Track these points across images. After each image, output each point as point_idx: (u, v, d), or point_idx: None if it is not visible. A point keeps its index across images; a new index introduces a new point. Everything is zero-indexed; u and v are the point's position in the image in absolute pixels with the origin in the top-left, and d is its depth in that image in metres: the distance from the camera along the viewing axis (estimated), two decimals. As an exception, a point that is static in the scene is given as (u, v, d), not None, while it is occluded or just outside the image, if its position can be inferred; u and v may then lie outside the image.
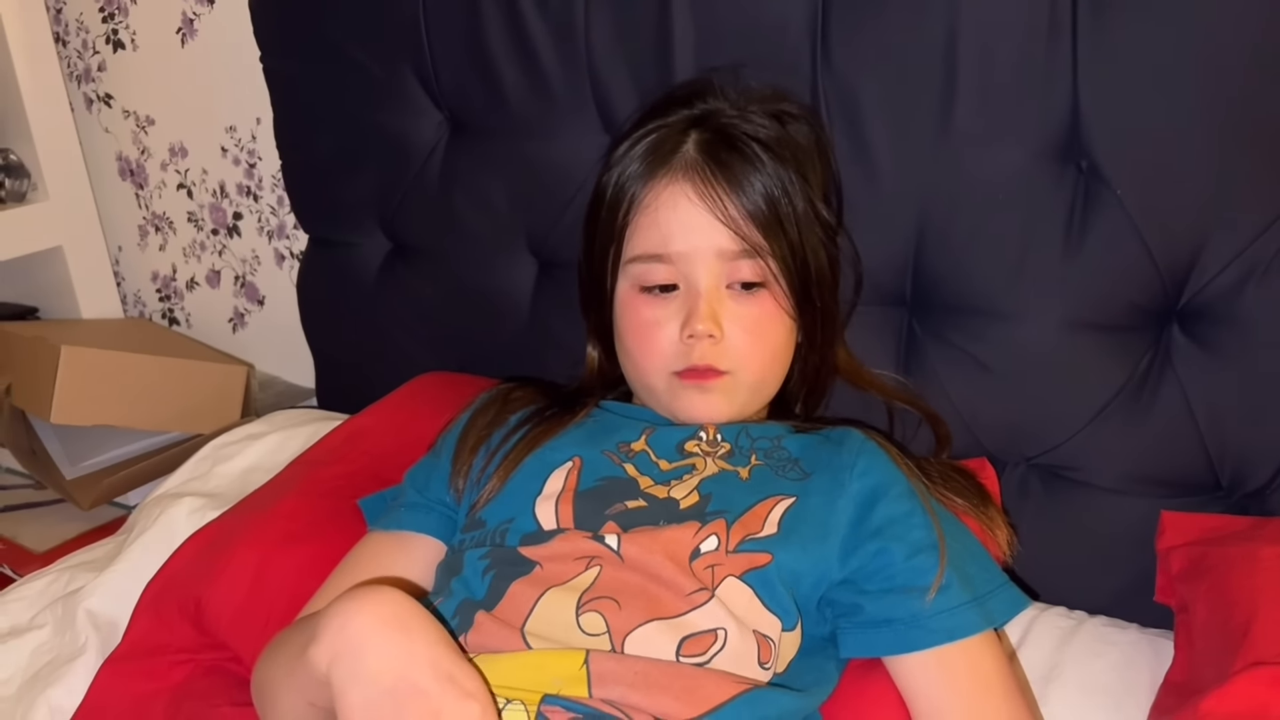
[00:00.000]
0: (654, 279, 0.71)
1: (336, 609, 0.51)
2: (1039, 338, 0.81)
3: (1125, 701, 0.71)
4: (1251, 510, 0.78)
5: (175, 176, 1.55)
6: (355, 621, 0.50)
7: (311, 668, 0.51)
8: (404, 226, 1.10)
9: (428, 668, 0.49)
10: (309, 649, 0.51)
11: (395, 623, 0.50)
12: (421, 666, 0.49)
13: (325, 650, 0.50)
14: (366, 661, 0.49)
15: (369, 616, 0.50)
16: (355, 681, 0.49)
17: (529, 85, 0.96)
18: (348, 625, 0.50)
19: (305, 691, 0.55)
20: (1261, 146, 0.72)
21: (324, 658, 0.50)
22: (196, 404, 1.29)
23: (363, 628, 0.50)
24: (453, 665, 0.50)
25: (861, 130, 0.83)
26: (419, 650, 0.50)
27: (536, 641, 0.60)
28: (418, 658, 0.50)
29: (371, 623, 0.50)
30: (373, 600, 0.51)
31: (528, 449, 0.72)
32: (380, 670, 0.49)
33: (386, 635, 0.50)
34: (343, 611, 0.50)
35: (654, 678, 0.57)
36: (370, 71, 1.05)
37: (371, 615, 0.50)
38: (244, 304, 1.54)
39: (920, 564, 0.64)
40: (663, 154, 0.72)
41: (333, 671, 0.50)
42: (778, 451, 0.72)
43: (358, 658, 0.49)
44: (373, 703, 0.49)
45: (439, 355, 1.10)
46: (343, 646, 0.50)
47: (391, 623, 0.50)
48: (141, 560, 0.89)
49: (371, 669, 0.49)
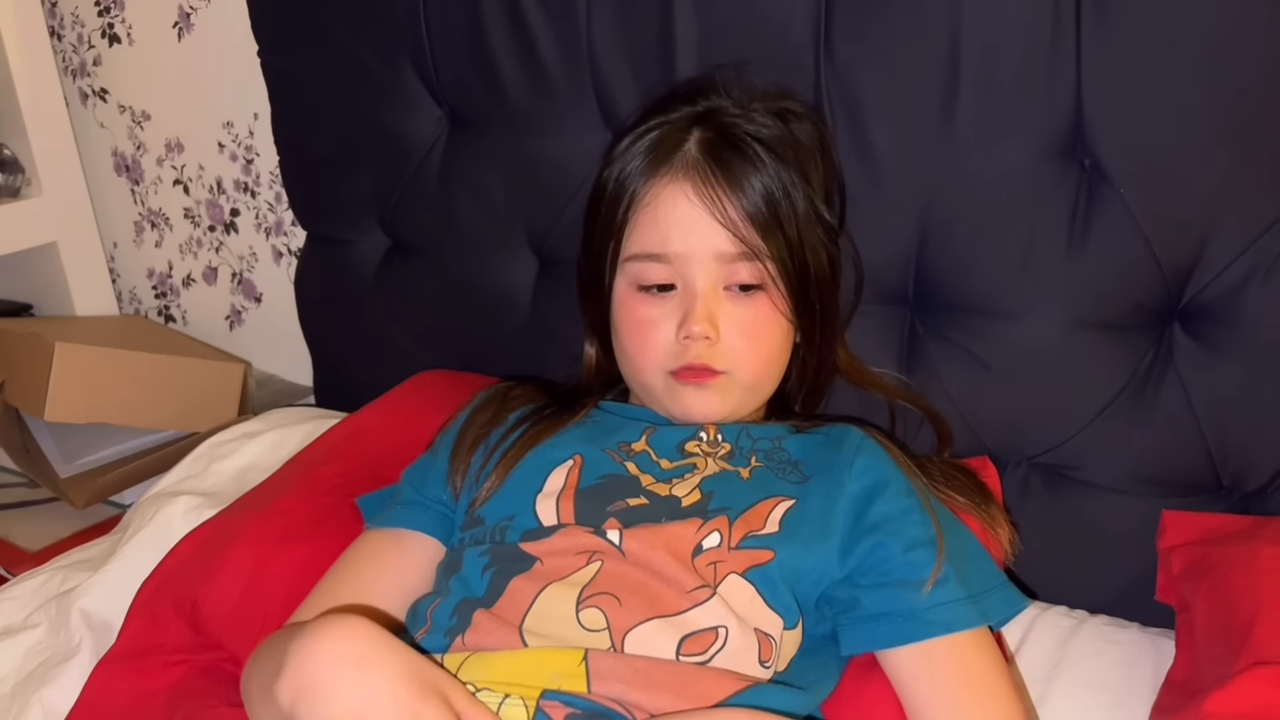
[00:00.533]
0: (651, 279, 0.71)
1: (299, 644, 0.50)
2: (1041, 337, 0.81)
3: (1127, 700, 0.71)
4: (1252, 510, 0.79)
5: (171, 172, 1.54)
6: (315, 659, 0.49)
7: (277, 704, 0.50)
8: (403, 223, 1.10)
9: (390, 706, 0.49)
10: (274, 683, 0.50)
11: (355, 660, 0.50)
12: (383, 705, 0.49)
13: (288, 688, 0.50)
14: (328, 701, 0.49)
15: (330, 653, 0.49)
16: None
17: (529, 81, 0.95)
18: (307, 662, 0.49)
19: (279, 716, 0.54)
20: (1264, 145, 0.72)
21: (287, 695, 0.50)
22: (192, 402, 1.29)
23: (321, 665, 0.49)
24: (416, 701, 0.49)
25: (864, 128, 0.82)
26: (380, 688, 0.49)
27: (535, 639, 0.59)
28: (378, 697, 0.49)
29: (331, 660, 0.49)
30: (335, 635, 0.50)
31: (527, 446, 0.71)
32: (340, 711, 0.48)
33: (345, 674, 0.49)
34: (304, 648, 0.50)
35: (653, 675, 0.57)
36: (369, 66, 1.04)
37: (332, 652, 0.49)
38: (241, 301, 1.54)
39: (917, 558, 0.64)
40: (664, 151, 0.71)
41: (295, 709, 0.49)
42: (778, 453, 0.71)
43: (318, 697, 0.49)
44: None
45: (438, 353, 1.10)
46: (304, 684, 0.49)
47: (352, 660, 0.50)
48: (136, 559, 0.88)
49: (331, 710, 0.48)
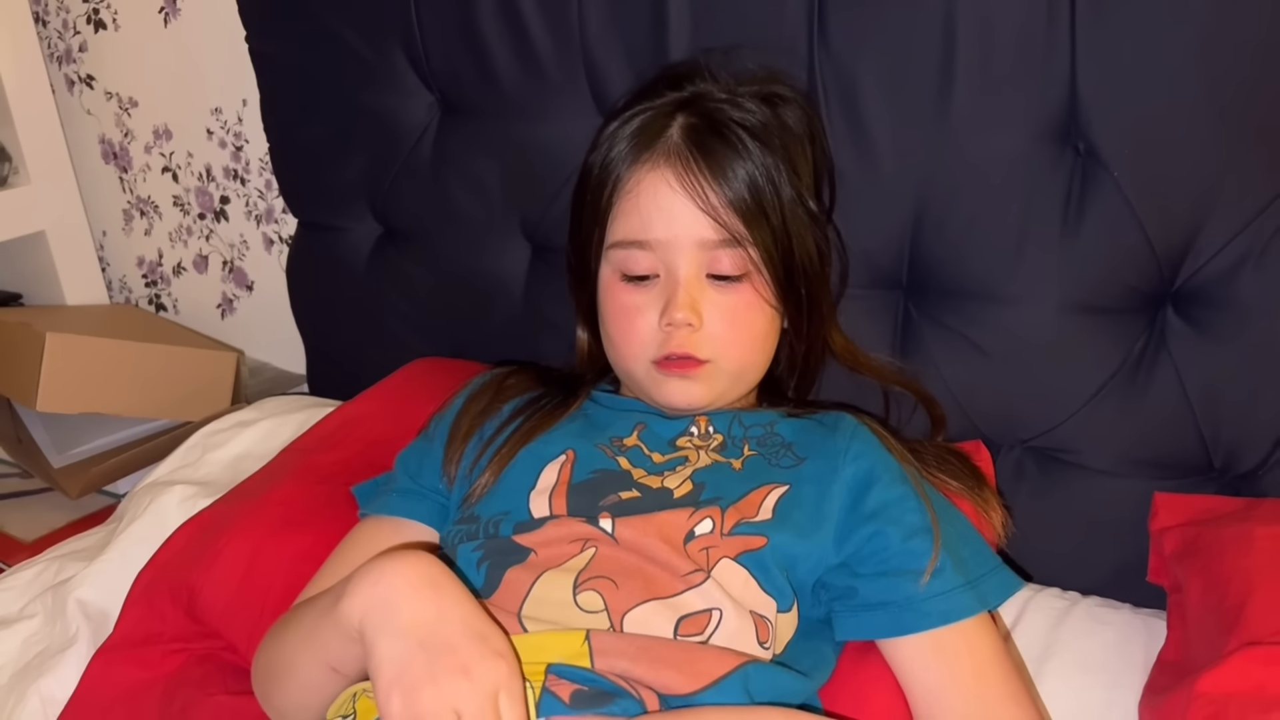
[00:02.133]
0: (635, 267, 0.70)
1: (369, 567, 0.53)
2: (1035, 321, 0.81)
3: (1120, 679, 0.72)
4: (1244, 491, 0.79)
5: (160, 160, 1.53)
6: (389, 578, 0.52)
7: (342, 622, 0.53)
8: (395, 210, 1.09)
9: (459, 625, 0.51)
10: (340, 603, 0.53)
11: (428, 581, 0.53)
12: (453, 623, 0.51)
13: (359, 603, 0.52)
14: (401, 614, 0.51)
15: (403, 574, 0.53)
16: (387, 633, 0.51)
17: (521, 66, 0.95)
18: (381, 580, 0.52)
19: (328, 653, 0.57)
20: (1259, 129, 0.72)
21: (356, 611, 0.52)
22: (186, 391, 1.28)
23: (397, 584, 0.52)
24: (483, 625, 0.52)
25: (859, 112, 0.82)
26: (450, 608, 0.52)
27: (534, 625, 0.60)
28: (449, 615, 0.52)
29: (406, 580, 0.52)
30: (406, 560, 0.53)
31: (521, 442, 0.71)
32: (413, 623, 0.51)
33: (420, 592, 0.52)
34: (376, 568, 0.53)
35: (655, 652, 0.57)
36: (359, 51, 1.03)
37: (406, 573, 0.53)
38: (232, 289, 1.53)
39: (915, 547, 0.64)
40: (647, 137, 0.71)
41: (365, 623, 0.52)
42: (771, 438, 0.71)
43: (391, 611, 0.51)
44: (405, 654, 0.50)
45: (432, 340, 1.09)
46: (377, 600, 0.52)
47: (425, 580, 0.53)
48: (132, 549, 0.89)
49: (405, 622, 0.51)
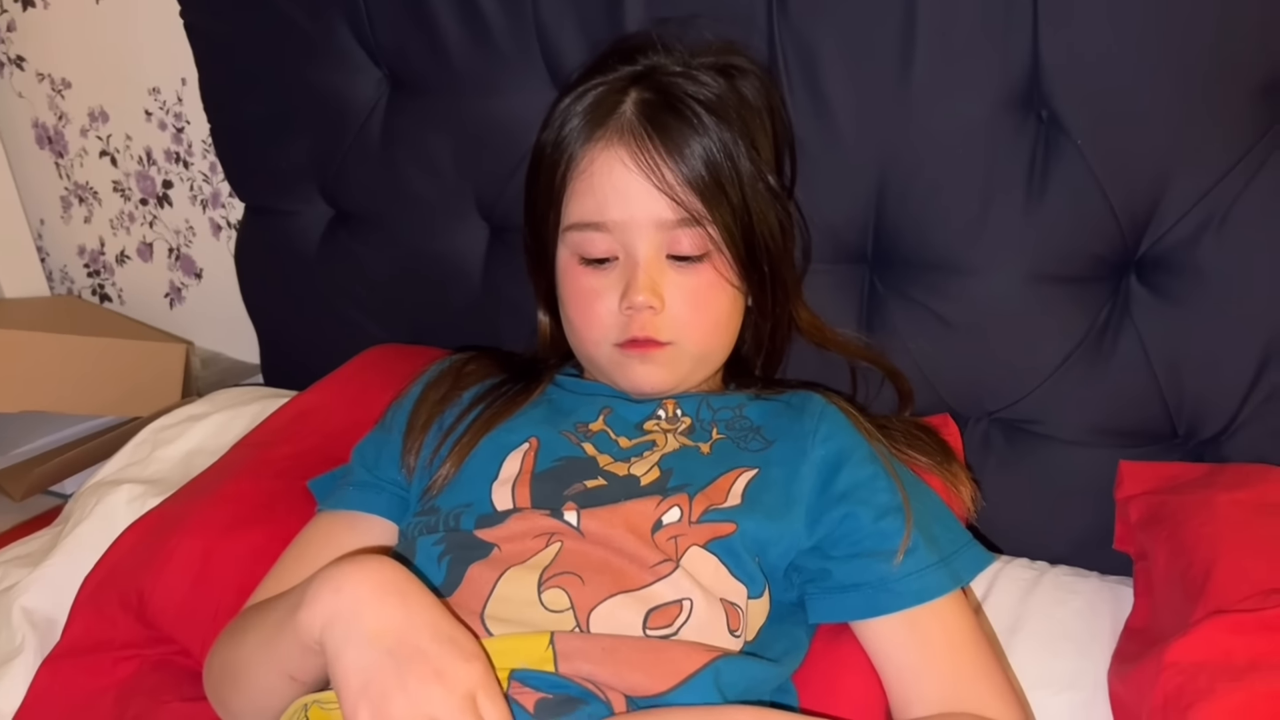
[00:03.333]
0: (592, 250, 0.68)
1: (329, 574, 0.51)
2: (1000, 291, 0.81)
3: (1089, 648, 0.72)
4: (1207, 457, 0.80)
5: (97, 143, 1.48)
6: (351, 585, 0.51)
7: (301, 632, 0.51)
8: (345, 192, 1.06)
9: (427, 630, 0.50)
10: (299, 613, 0.51)
11: (392, 586, 0.51)
12: (421, 628, 0.50)
13: (319, 613, 0.50)
14: (365, 623, 0.50)
15: (366, 581, 0.51)
16: (352, 643, 0.49)
17: (472, 39, 0.92)
18: (343, 588, 0.50)
19: (286, 661, 0.55)
20: (1219, 96, 0.72)
21: (317, 621, 0.50)
22: (133, 385, 1.25)
23: (360, 591, 0.50)
24: (452, 629, 0.51)
25: (820, 83, 0.81)
26: (417, 613, 0.51)
27: (498, 625, 0.58)
28: (416, 620, 0.50)
29: (369, 586, 0.51)
30: (368, 566, 0.52)
31: (482, 431, 0.69)
32: (379, 631, 0.49)
33: (385, 598, 0.51)
34: (337, 575, 0.51)
35: (621, 653, 0.56)
36: (300, 25, 1.00)
37: (368, 580, 0.51)
38: (180, 277, 1.49)
39: (886, 527, 0.64)
40: (600, 114, 0.68)
41: (327, 634, 0.50)
42: (740, 421, 0.70)
43: (355, 620, 0.50)
44: (372, 664, 0.49)
45: (389, 326, 1.07)
46: (339, 609, 0.50)
47: (389, 586, 0.51)
48: (79, 553, 0.86)
49: (370, 630, 0.49)
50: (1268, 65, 0.71)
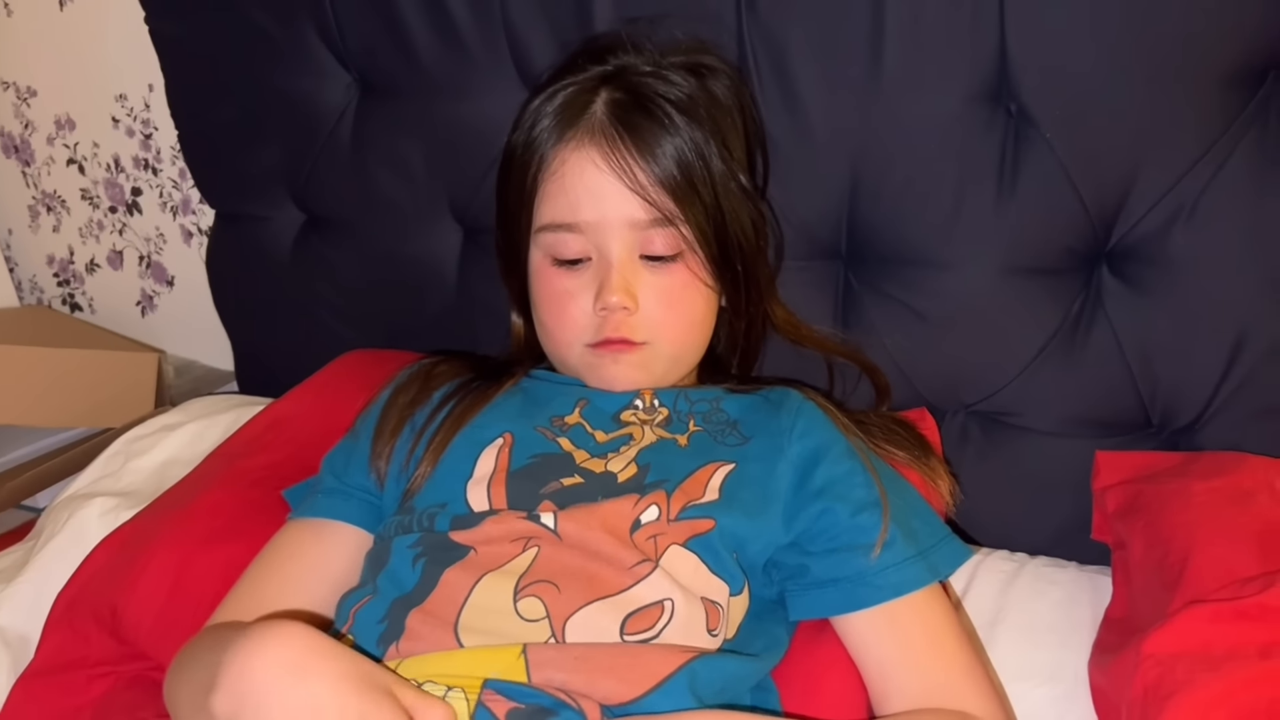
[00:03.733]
0: (565, 251, 0.68)
1: (232, 657, 0.48)
2: (974, 285, 0.81)
3: (1069, 639, 0.72)
4: (1181, 446, 0.80)
5: (64, 151, 1.46)
6: (251, 670, 0.47)
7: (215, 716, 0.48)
8: (317, 197, 1.05)
9: (335, 712, 0.47)
10: (211, 697, 0.48)
11: (295, 668, 0.47)
12: (328, 712, 0.47)
13: (227, 702, 0.47)
14: (268, 713, 0.46)
15: (267, 663, 0.47)
16: None
17: (441, 42, 0.91)
18: (244, 675, 0.47)
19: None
20: (1185, 87, 0.72)
21: (226, 708, 0.47)
22: (105, 396, 1.24)
23: (260, 677, 0.47)
24: (363, 702, 0.48)
25: (790, 80, 0.80)
26: (324, 694, 0.47)
27: (471, 637, 0.57)
28: (323, 703, 0.47)
29: (270, 670, 0.47)
30: (270, 643, 0.48)
31: (455, 427, 0.69)
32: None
33: (285, 683, 0.47)
34: (238, 660, 0.47)
35: (594, 660, 0.55)
36: (267, 30, 0.98)
37: (270, 662, 0.47)
38: (151, 285, 1.47)
39: (864, 522, 0.63)
40: (570, 114, 0.68)
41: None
42: (716, 415, 0.70)
43: (260, 709, 0.47)
44: None
45: (364, 331, 1.06)
46: (244, 696, 0.47)
47: (291, 668, 0.47)
48: (51, 568, 0.85)
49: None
50: (1234, 55, 0.71)
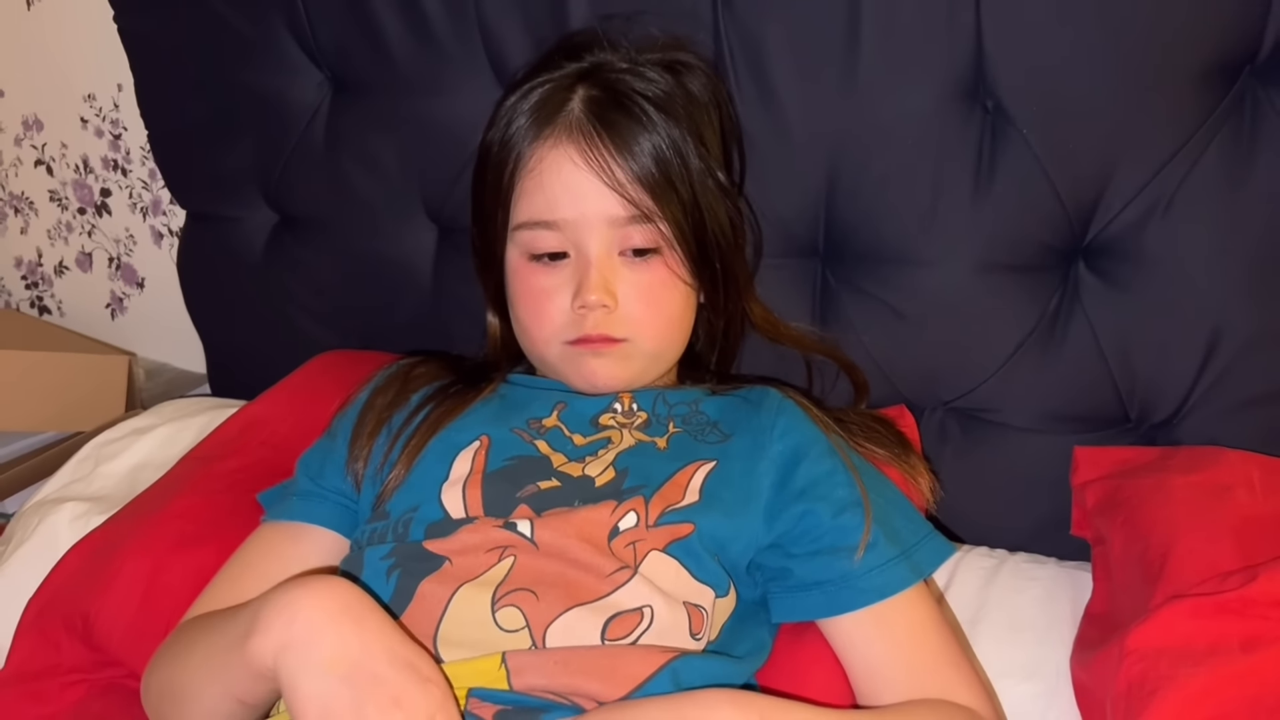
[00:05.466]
0: (543, 247, 0.68)
1: (280, 600, 0.50)
2: (952, 282, 0.81)
3: (1049, 635, 0.73)
4: (1160, 441, 0.81)
5: (32, 152, 1.44)
6: (305, 611, 0.49)
7: (253, 660, 0.50)
8: (289, 196, 1.04)
9: (384, 655, 0.49)
10: (250, 641, 0.50)
11: (346, 612, 0.50)
12: (377, 654, 0.49)
13: (272, 641, 0.49)
14: (320, 650, 0.48)
15: (319, 606, 0.50)
16: (308, 672, 0.48)
17: (415, 38, 0.90)
18: (298, 616, 0.49)
19: (236, 687, 0.54)
20: (1159, 82, 0.73)
21: (269, 649, 0.49)
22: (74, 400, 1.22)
23: (314, 617, 0.49)
24: (410, 652, 0.50)
25: (767, 77, 0.80)
26: (373, 639, 0.49)
27: (450, 649, 0.56)
28: (372, 646, 0.49)
29: (323, 612, 0.49)
30: (320, 590, 0.50)
31: (431, 431, 0.68)
32: (335, 658, 0.48)
33: (339, 624, 0.49)
34: (289, 602, 0.50)
35: (575, 663, 0.55)
36: (237, 28, 0.97)
37: (321, 605, 0.50)
38: (121, 287, 1.45)
39: (846, 523, 0.63)
40: (547, 112, 0.68)
41: (281, 662, 0.49)
42: (696, 416, 0.70)
43: (310, 647, 0.48)
44: (328, 692, 0.48)
45: (339, 332, 1.05)
46: (294, 637, 0.49)
47: (343, 612, 0.50)
48: (21, 574, 0.83)
49: (326, 658, 0.48)
50: (1209, 52, 0.71)
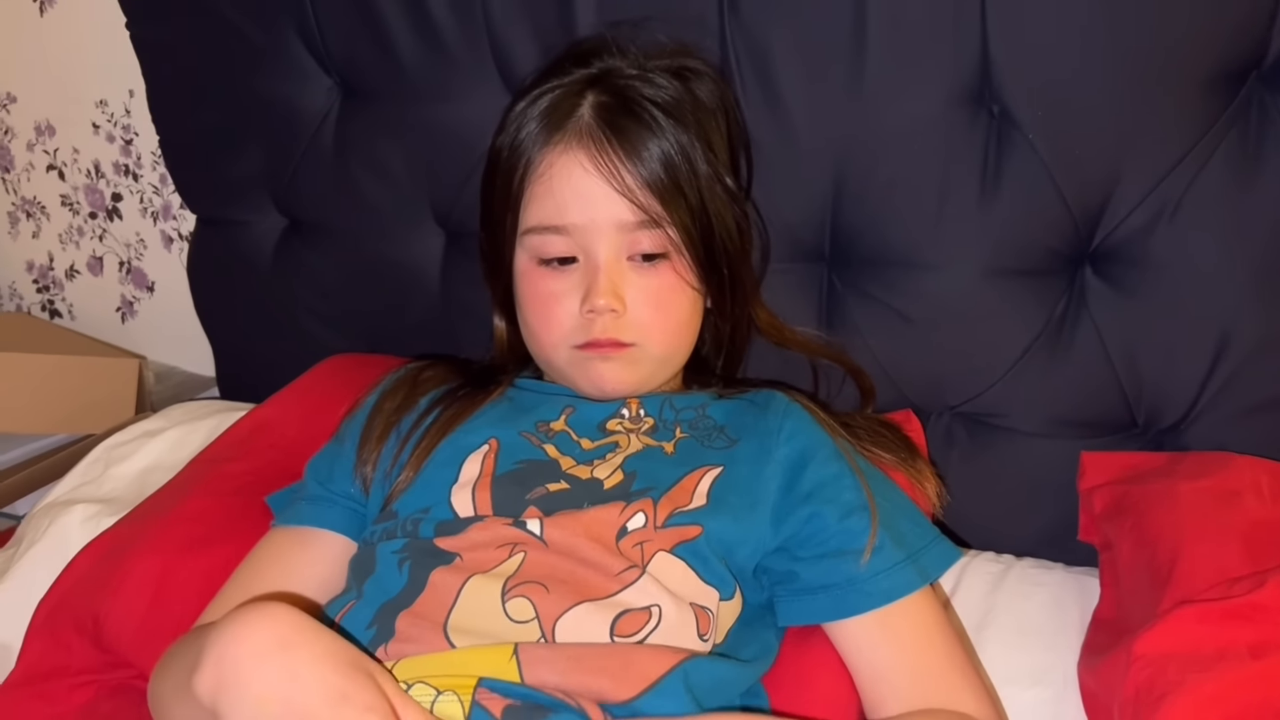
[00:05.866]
0: (552, 251, 0.68)
1: (217, 635, 0.48)
2: (958, 286, 0.81)
3: (1056, 641, 0.72)
4: (1167, 446, 0.80)
5: (44, 157, 1.44)
6: (235, 648, 0.47)
7: (198, 698, 0.48)
8: (298, 201, 1.04)
9: (316, 689, 0.47)
10: (193, 678, 0.48)
11: (279, 644, 0.47)
12: (309, 688, 0.47)
13: (208, 680, 0.47)
14: (250, 689, 0.46)
15: (249, 641, 0.47)
16: (239, 711, 0.46)
17: (423, 45, 0.91)
18: (226, 653, 0.47)
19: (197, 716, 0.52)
20: (1167, 87, 0.72)
21: (207, 689, 0.47)
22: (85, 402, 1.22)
23: (242, 654, 0.47)
24: (344, 681, 0.47)
25: (773, 82, 0.80)
26: (304, 671, 0.47)
27: (461, 637, 0.57)
28: (303, 680, 0.47)
29: (252, 648, 0.47)
30: (253, 622, 0.48)
31: (441, 434, 0.68)
32: (264, 697, 0.46)
33: (267, 660, 0.47)
34: (222, 638, 0.48)
35: (586, 661, 0.55)
36: (248, 35, 0.98)
37: (252, 639, 0.47)
38: (132, 291, 1.45)
39: (853, 526, 0.63)
40: (557, 118, 0.68)
41: (218, 702, 0.47)
42: (703, 420, 0.70)
43: (241, 686, 0.47)
44: None
45: (347, 336, 1.05)
46: (224, 676, 0.47)
47: (275, 644, 0.47)
48: (32, 576, 0.84)
49: (255, 696, 0.46)
50: (1215, 56, 0.71)
